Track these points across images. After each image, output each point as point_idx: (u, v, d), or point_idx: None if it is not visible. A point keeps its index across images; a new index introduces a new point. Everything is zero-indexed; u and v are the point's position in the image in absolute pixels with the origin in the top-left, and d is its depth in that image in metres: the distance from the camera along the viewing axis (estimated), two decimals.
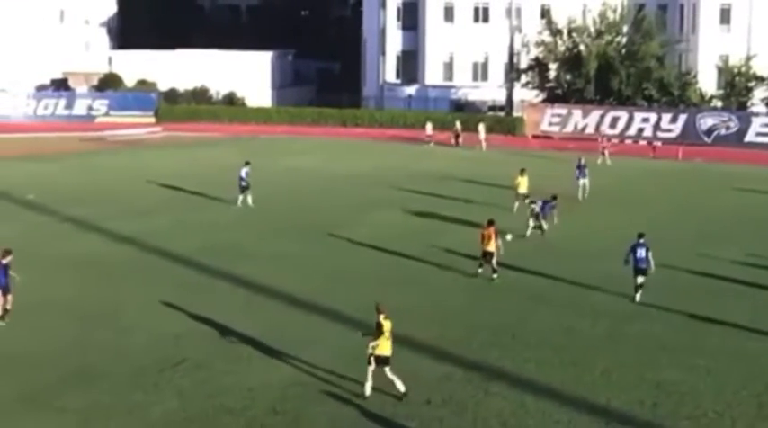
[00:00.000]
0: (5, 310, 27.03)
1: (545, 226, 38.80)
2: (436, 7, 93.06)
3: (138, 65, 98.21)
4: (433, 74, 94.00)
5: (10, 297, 27.06)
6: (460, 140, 74.37)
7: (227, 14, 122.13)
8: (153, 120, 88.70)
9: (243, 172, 45.19)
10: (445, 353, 24.28)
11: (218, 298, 29.73)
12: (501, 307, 28.95)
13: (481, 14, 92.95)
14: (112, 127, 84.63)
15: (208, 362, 23.40)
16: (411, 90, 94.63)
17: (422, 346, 24.77)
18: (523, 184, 44.50)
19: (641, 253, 29.21)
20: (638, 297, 29.17)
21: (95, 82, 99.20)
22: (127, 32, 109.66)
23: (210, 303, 28.82)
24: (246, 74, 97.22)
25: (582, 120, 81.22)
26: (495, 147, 72.44)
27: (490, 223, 32.42)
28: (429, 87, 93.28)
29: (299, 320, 27.47)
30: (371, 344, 21.28)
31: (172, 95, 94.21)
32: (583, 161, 49.77)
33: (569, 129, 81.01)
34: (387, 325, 21.39)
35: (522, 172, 45.04)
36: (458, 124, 75.67)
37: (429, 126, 76.55)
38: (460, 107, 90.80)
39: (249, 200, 44.79)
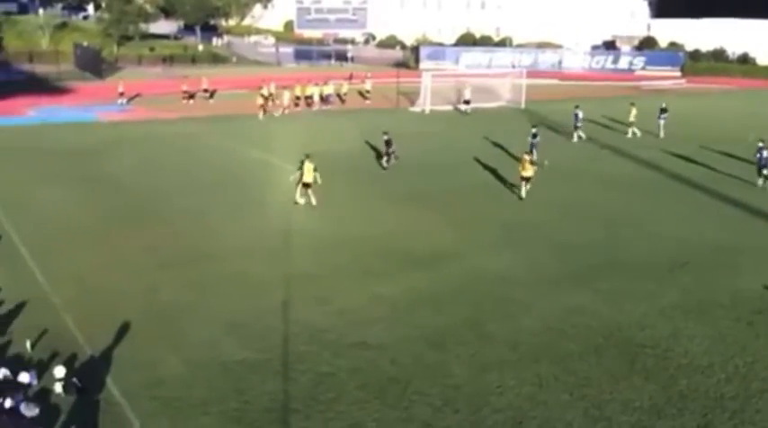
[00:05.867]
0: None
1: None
2: None
3: (671, 30, 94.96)
4: None
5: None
6: None
7: None
8: (679, 74, 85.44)
9: (577, 113, 42.68)
10: None
11: (719, 214, 27.83)
12: None
13: None
14: (646, 78, 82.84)
15: (708, 266, 22.01)
16: None
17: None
18: (632, 115, 43.72)
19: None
20: None
21: (636, 43, 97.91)
22: (664, 3, 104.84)
23: (709, 218, 27.13)
24: (759, 38, 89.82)
25: None
26: None
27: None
28: None
29: None
30: (298, 176, 26.31)
31: (695, 55, 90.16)
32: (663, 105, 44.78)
33: None
34: (308, 166, 26.19)
35: (632, 105, 44.29)
36: None
37: None
38: None
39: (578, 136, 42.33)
